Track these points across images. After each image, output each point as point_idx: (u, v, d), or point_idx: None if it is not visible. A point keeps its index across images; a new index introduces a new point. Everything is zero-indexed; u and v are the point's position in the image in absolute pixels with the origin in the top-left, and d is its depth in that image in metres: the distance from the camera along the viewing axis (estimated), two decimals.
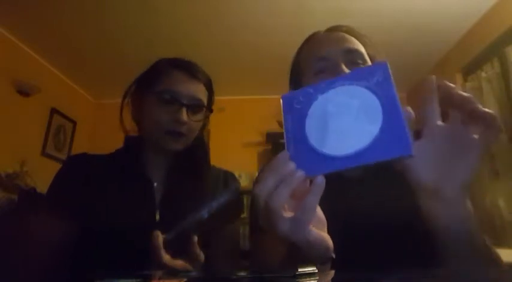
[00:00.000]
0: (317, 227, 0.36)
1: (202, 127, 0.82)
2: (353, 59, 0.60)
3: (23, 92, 2.60)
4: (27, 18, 2.33)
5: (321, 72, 0.60)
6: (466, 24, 2.43)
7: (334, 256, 0.37)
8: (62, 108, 3.08)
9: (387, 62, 0.35)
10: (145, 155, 0.77)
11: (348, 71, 0.56)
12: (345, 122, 0.35)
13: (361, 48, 0.63)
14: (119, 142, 0.80)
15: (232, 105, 3.17)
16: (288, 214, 0.34)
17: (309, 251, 0.35)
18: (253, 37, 2.59)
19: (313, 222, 0.35)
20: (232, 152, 3.15)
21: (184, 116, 0.72)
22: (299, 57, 0.70)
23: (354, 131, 0.33)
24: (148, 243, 0.54)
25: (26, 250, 0.66)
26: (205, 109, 0.78)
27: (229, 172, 0.87)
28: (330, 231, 0.38)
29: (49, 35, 2.53)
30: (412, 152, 0.30)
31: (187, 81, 0.75)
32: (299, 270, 0.36)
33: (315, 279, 0.36)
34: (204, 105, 0.77)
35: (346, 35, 0.64)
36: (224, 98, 3.00)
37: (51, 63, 2.94)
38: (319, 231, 0.36)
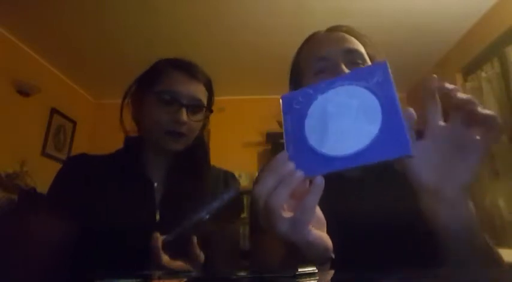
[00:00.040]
0: (316, 227, 0.36)
1: (202, 127, 0.82)
2: (353, 59, 0.60)
3: (23, 92, 2.61)
4: (27, 18, 2.33)
5: (321, 72, 0.60)
6: (466, 24, 2.43)
7: (333, 256, 0.37)
8: (62, 108, 3.09)
9: (387, 62, 0.35)
10: (146, 155, 0.77)
11: (348, 71, 0.56)
12: (344, 122, 0.34)
13: (361, 48, 0.63)
14: (119, 142, 0.80)
15: (232, 105, 3.17)
16: (288, 214, 0.34)
17: (308, 251, 0.35)
18: (253, 37, 2.59)
19: (313, 223, 0.35)
20: (232, 152, 3.15)
21: (184, 116, 0.72)
22: (299, 57, 0.70)
23: (354, 131, 0.33)
24: (148, 243, 0.54)
25: (26, 250, 0.66)
26: (205, 109, 0.78)
27: (229, 172, 0.87)
28: (330, 231, 0.38)
29: (49, 35, 2.53)
30: (411, 153, 0.30)
31: (187, 82, 0.75)
32: (299, 270, 0.36)
33: (315, 279, 0.36)
34: (203, 105, 0.78)
35: (346, 35, 0.64)
36: (224, 98, 3.00)
37: (51, 63, 2.94)
38: (319, 232, 0.36)
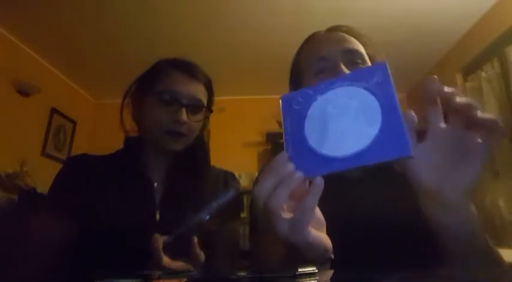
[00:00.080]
0: (316, 228, 0.36)
1: (202, 127, 0.82)
2: (353, 59, 0.60)
3: (23, 92, 2.61)
4: (27, 18, 2.33)
5: (320, 72, 0.60)
6: (466, 24, 2.43)
7: (333, 257, 0.37)
8: (62, 108, 3.09)
9: (386, 62, 0.35)
10: (146, 155, 0.77)
11: (348, 71, 0.56)
12: (344, 123, 0.34)
13: (361, 48, 0.63)
14: (119, 142, 0.80)
15: (232, 105, 3.17)
16: (287, 215, 0.34)
17: (307, 251, 0.35)
18: (253, 37, 2.59)
19: (312, 223, 0.35)
20: (232, 152, 3.15)
21: (184, 116, 0.72)
22: (299, 57, 0.70)
23: (353, 132, 0.33)
24: (149, 243, 0.54)
25: (26, 250, 0.66)
26: (205, 109, 0.78)
27: (229, 172, 0.87)
28: (330, 232, 0.38)
29: (49, 35, 2.53)
30: (411, 153, 0.30)
31: (187, 82, 0.75)
32: (299, 270, 0.36)
33: (314, 279, 0.36)
34: (203, 105, 0.78)
35: (346, 35, 0.64)
36: (224, 98, 3.00)
37: (51, 63, 2.94)
38: (318, 232, 0.36)
